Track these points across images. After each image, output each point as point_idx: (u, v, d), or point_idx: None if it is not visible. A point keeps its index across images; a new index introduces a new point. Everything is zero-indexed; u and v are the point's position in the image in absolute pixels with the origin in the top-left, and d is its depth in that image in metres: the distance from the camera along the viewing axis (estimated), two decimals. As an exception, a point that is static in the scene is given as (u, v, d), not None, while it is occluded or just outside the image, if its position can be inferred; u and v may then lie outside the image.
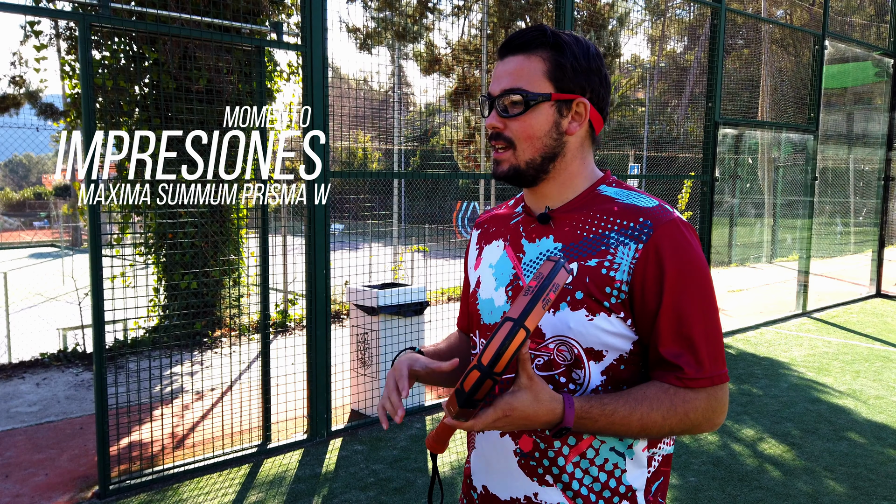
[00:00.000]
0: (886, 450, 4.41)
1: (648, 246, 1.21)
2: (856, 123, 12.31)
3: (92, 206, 3.58)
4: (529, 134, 1.29)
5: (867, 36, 27.98)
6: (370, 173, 9.07)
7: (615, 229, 1.25)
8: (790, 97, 9.38)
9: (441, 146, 20.34)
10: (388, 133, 13.69)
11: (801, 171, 9.89)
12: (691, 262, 1.22)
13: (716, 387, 1.21)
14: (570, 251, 1.28)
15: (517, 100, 1.28)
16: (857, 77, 9.81)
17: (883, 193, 9.87)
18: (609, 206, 1.29)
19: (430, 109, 17.96)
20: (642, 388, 1.21)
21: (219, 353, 6.86)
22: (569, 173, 1.34)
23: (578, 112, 1.31)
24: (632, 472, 1.28)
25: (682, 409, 1.20)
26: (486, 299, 1.40)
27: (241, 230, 7.65)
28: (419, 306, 4.97)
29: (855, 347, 7.06)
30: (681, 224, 1.24)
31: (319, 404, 4.51)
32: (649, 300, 1.21)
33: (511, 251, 1.39)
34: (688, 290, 1.21)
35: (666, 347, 1.21)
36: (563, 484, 1.27)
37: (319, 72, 4.28)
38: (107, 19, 3.56)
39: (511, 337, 1.00)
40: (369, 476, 4.02)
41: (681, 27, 32.18)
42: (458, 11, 9.57)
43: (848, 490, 3.86)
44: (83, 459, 4.26)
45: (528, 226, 1.38)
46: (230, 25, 4.67)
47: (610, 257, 1.24)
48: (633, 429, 1.19)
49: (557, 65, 1.28)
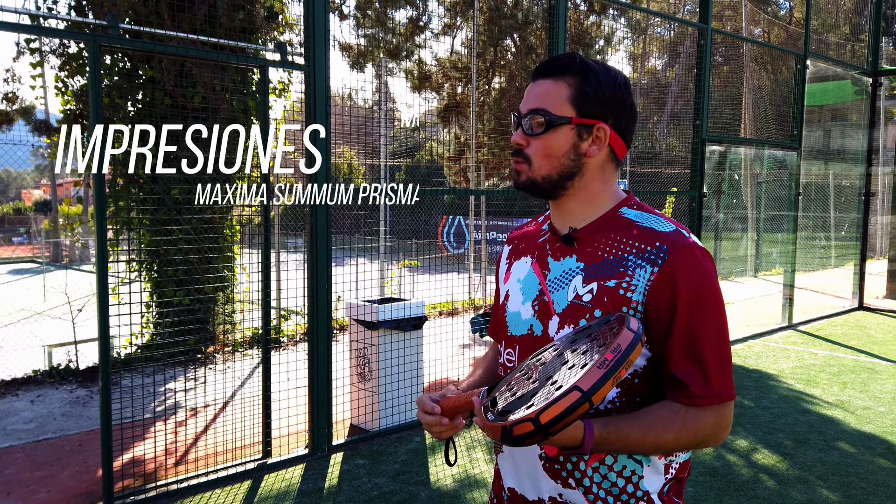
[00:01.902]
0: (876, 459, 4.52)
1: (663, 269, 1.28)
2: (833, 140, 12.61)
3: (99, 222, 3.61)
4: (547, 153, 1.38)
5: (842, 54, 28.62)
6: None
7: (633, 252, 1.33)
8: (771, 114, 9.60)
9: (426, 161, 20.44)
10: (375, 148, 13.75)
11: (783, 186, 10.11)
12: (704, 285, 1.29)
13: (723, 404, 1.28)
14: (591, 271, 1.36)
15: (540, 120, 1.37)
16: (837, 95, 10.07)
17: (864, 208, 10.10)
18: (629, 229, 1.36)
19: (414, 125, 18.07)
20: (655, 408, 1.28)
21: (213, 369, 6.85)
22: (590, 192, 1.42)
23: (598, 136, 1.38)
24: (648, 479, 1.35)
25: (692, 428, 1.26)
26: (514, 312, 1.48)
27: (235, 246, 7.68)
28: (418, 321, 5.03)
29: (841, 359, 7.21)
30: (696, 249, 1.31)
31: (321, 419, 4.54)
32: (662, 321, 1.28)
33: (538, 268, 1.46)
34: (699, 312, 1.27)
35: (677, 366, 1.28)
36: (584, 487, 1.35)
37: (322, 90, 4.35)
38: (116, 40, 3.61)
39: (575, 408, 1.02)
40: (372, 490, 4.05)
41: (661, 45, 32.71)
42: (447, 30, 9.71)
43: (841, 499, 3.95)
44: (84, 476, 4.25)
45: (554, 244, 1.45)
46: (235, 45, 4.74)
47: (628, 279, 1.31)
48: (647, 448, 1.26)
49: (581, 91, 1.36)
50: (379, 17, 8.73)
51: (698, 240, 1.37)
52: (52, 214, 30.74)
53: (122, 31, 3.70)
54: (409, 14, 9.50)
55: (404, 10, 9.76)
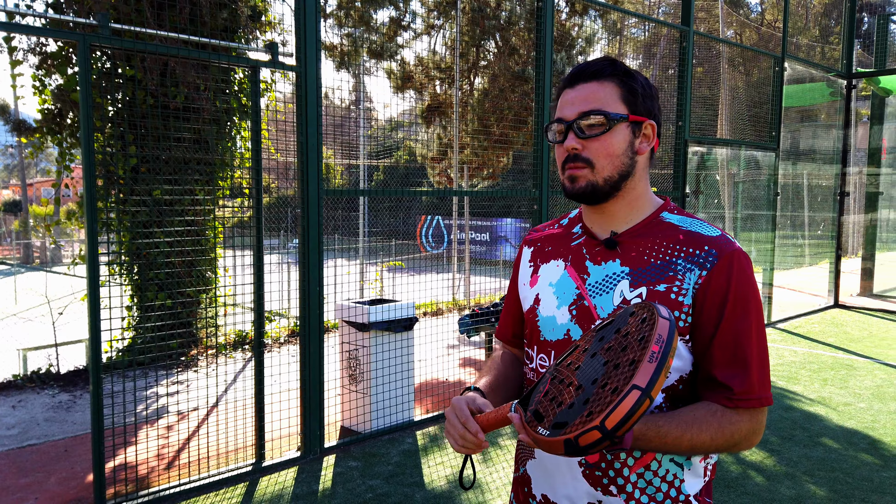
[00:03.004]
0: (860, 454, 4.62)
1: (712, 273, 1.30)
2: (803, 140, 12.86)
3: (91, 223, 3.55)
4: (609, 152, 1.36)
5: (812, 56, 29.13)
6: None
7: (682, 256, 1.33)
8: (746, 115, 9.76)
9: (404, 162, 20.41)
10: (352, 148, 13.68)
11: (760, 186, 10.27)
12: (749, 289, 1.31)
13: (760, 409, 1.30)
14: (637, 276, 1.35)
15: (597, 121, 1.35)
16: (813, 97, 10.27)
17: (838, 207, 10.31)
18: (674, 234, 1.37)
19: (392, 125, 18.04)
20: (692, 409, 1.28)
21: (198, 372, 6.78)
22: (636, 193, 1.42)
23: (646, 134, 1.40)
24: (689, 482, 1.36)
25: (728, 430, 1.27)
26: (548, 317, 1.46)
27: (218, 247, 7.60)
28: (409, 322, 5.03)
29: (820, 356, 7.36)
30: (741, 254, 1.33)
31: (313, 421, 4.51)
32: (708, 324, 1.30)
33: (574, 272, 1.44)
34: (744, 316, 1.29)
35: (719, 369, 1.29)
36: (627, 494, 1.34)
37: (314, 91, 4.33)
38: (106, 39, 3.55)
39: (638, 406, 1.01)
40: (367, 492, 4.04)
41: (636, 45, 32.99)
42: (429, 30, 9.70)
43: (828, 493, 4.04)
44: (73, 482, 4.18)
45: (592, 248, 1.44)
46: (227, 46, 4.69)
47: (678, 283, 1.32)
48: (682, 448, 1.26)
49: (631, 89, 1.37)
50: (362, 16, 8.70)
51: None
52: (22, 215, 30.09)
53: (110, 30, 3.64)
54: (391, 14, 9.48)
55: (386, 10, 9.73)
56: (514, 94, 8.84)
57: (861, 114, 17.33)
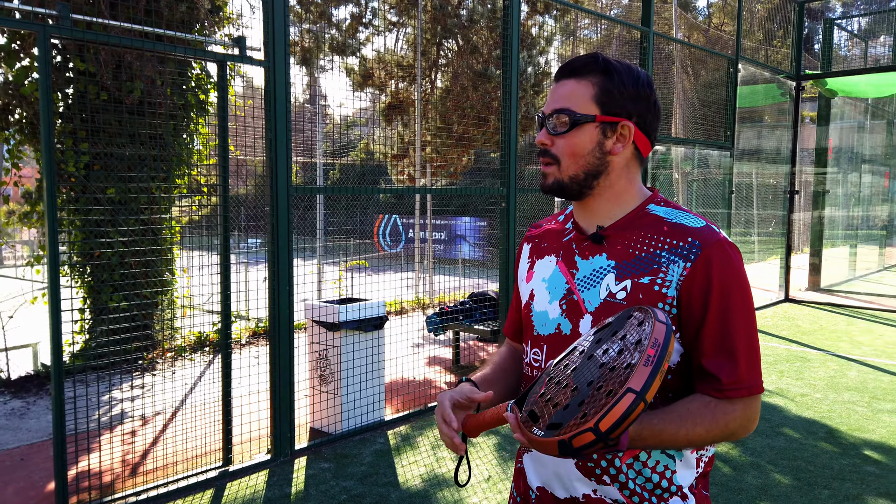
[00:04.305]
0: (819, 443, 4.78)
1: (696, 264, 1.30)
2: (753, 140, 13.25)
3: (52, 222, 3.40)
4: (573, 151, 1.38)
5: (757, 58, 30.01)
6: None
7: (666, 248, 1.34)
8: (699, 115, 10.00)
9: (361, 160, 20.25)
10: (308, 146, 13.51)
11: (711, 184, 10.56)
12: (735, 279, 1.31)
13: (752, 397, 1.31)
14: (623, 269, 1.36)
15: (564, 119, 1.38)
16: (765, 98, 10.58)
17: (788, 205, 10.65)
18: (659, 226, 1.37)
19: (349, 123, 17.88)
20: (686, 402, 1.29)
21: (157, 376, 6.59)
22: (615, 191, 1.42)
23: (622, 134, 1.39)
24: (681, 473, 1.37)
25: (722, 421, 1.28)
26: (541, 312, 1.47)
27: (175, 248, 7.40)
28: (379, 321, 4.98)
29: (775, 349, 7.59)
30: (726, 244, 1.33)
31: (283, 423, 4.43)
32: (695, 315, 1.31)
33: (564, 267, 1.46)
34: (731, 306, 1.30)
35: (708, 359, 1.30)
36: (620, 483, 1.36)
37: (283, 87, 4.25)
38: (67, 31, 3.41)
39: (632, 410, 1.02)
40: (341, 493, 3.99)
41: (589, 47, 33.48)
42: (391, 27, 9.64)
43: (792, 482, 4.16)
44: (31, 492, 4.01)
45: (581, 243, 1.45)
46: (192, 39, 4.56)
47: (662, 275, 1.32)
48: (679, 443, 1.28)
49: (605, 89, 1.37)
50: (323, 12, 8.59)
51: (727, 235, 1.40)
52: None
53: (71, 21, 3.50)
54: (351, 11, 9.40)
55: (346, 7, 9.64)
56: (477, 92, 8.87)
57: (803, 115, 17.97)
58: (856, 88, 10.86)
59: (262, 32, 4.17)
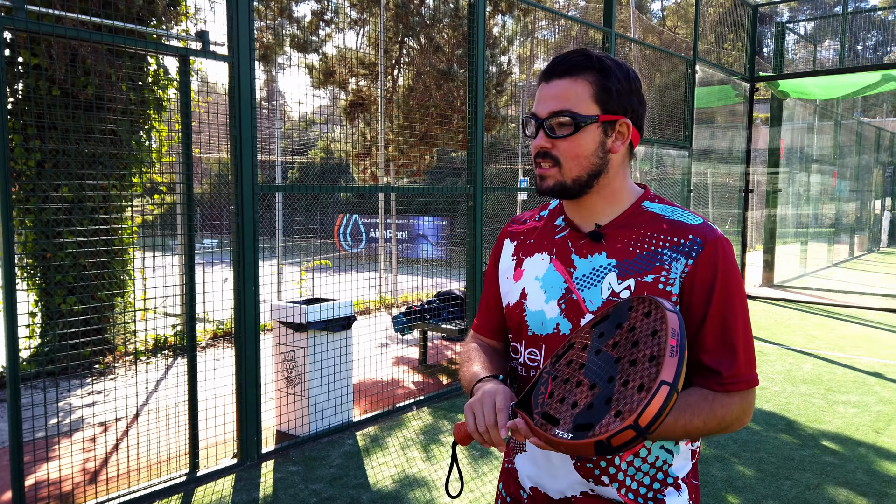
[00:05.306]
0: (779, 435, 4.90)
1: (698, 261, 1.32)
2: (709, 141, 13.57)
3: (6, 221, 3.26)
4: (577, 153, 1.36)
5: (710, 60, 30.67)
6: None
7: (668, 246, 1.35)
8: (657, 116, 10.19)
9: (321, 159, 20.05)
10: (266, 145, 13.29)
11: (666, 184, 10.75)
12: (733, 276, 1.33)
13: (749, 390, 1.33)
14: (625, 268, 1.36)
15: (566, 122, 1.35)
16: (720, 99, 10.83)
17: (744, 204, 10.93)
18: (658, 224, 1.38)
19: (308, 121, 17.68)
20: (684, 395, 1.30)
21: (116, 381, 6.39)
22: (612, 188, 1.42)
23: (621, 132, 1.39)
24: (677, 465, 1.39)
25: (720, 413, 1.30)
26: (536, 311, 1.44)
27: (131, 248, 7.19)
28: (347, 321, 4.93)
29: (733, 344, 7.76)
30: (724, 241, 1.36)
31: (250, 426, 4.34)
32: (696, 311, 1.32)
33: (560, 265, 1.44)
34: (730, 301, 1.32)
35: (708, 354, 1.32)
36: (618, 482, 1.36)
37: (248, 83, 4.16)
38: (22, 22, 3.28)
39: (668, 402, 1.03)
40: (311, 496, 3.93)
41: (547, 47, 33.80)
42: (353, 24, 9.56)
43: (756, 473, 4.26)
44: (-15, 504, 3.84)
45: (577, 241, 1.43)
46: (154, 33, 4.43)
47: (665, 273, 1.33)
48: (677, 434, 1.29)
49: (604, 88, 1.36)
50: (283, 9, 8.46)
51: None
52: None
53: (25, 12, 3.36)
54: (312, 7, 9.28)
55: (306, 4, 9.51)
56: (440, 91, 8.85)
57: (754, 117, 18.48)
58: (805, 90, 11.20)
59: (225, 27, 4.08)
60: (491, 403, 1.27)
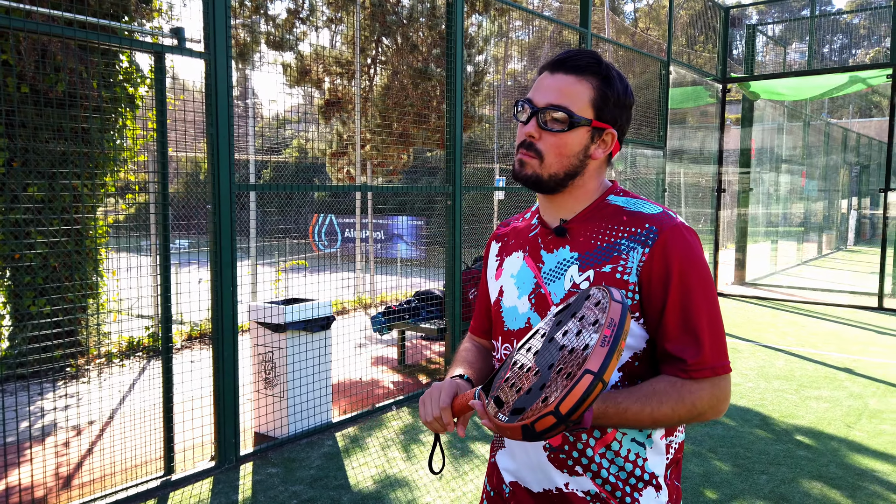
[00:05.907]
0: (755, 430, 4.98)
1: (654, 249, 1.32)
2: (681, 141, 13.74)
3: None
4: (561, 152, 1.38)
5: (681, 61, 31.08)
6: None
7: (625, 236, 1.36)
8: (633, 116, 10.29)
9: (295, 159, 19.90)
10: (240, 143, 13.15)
11: (640, 184, 10.86)
12: (693, 261, 1.33)
13: (719, 377, 1.31)
14: (585, 259, 1.38)
15: (561, 118, 1.36)
16: (693, 100, 10.98)
17: (716, 203, 11.08)
18: (619, 216, 1.40)
19: (283, 120, 17.54)
20: (651, 383, 1.31)
21: (90, 384, 6.27)
22: (585, 189, 1.44)
23: (605, 140, 1.41)
24: (652, 460, 1.39)
25: (689, 400, 1.29)
26: (510, 307, 1.48)
27: (102, 249, 7.06)
28: (326, 321, 4.89)
29: (707, 341, 7.87)
30: (683, 228, 1.36)
31: (227, 428, 4.29)
32: (656, 299, 1.32)
33: (531, 262, 1.47)
34: (691, 288, 1.31)
35: (671, 342, 1.31)
36: (592, 473, 1.37)
37: (224, 80, 4.11)
38: (-8, 15, 3.19)
39: (591, 391, 1.02)
40: (291, 498, 3.89)
41: (521, 48, 33.93)
42: (329, 23, 9.50)
43: (733, 468, 4.32)
44: (-46, 512, 3.74)
45: (546, 237, 1.46)
46: (129, 28, 4.35)
47: (622, 262, 1.34)
48: (644, 422, 1.29)
49: (603, 95, 1.37)
50: (259, 7, 8.38)
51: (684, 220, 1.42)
52: None
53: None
54: (288, 6, 9.20)
55: (282, 2, 9.43)
56: (417, 90, 8.83)
57: (726, 118, 18.76)
58: (775, 92, 11.40)
59: (202, 23, 4.02)
60: (437, 395, 1.35)
